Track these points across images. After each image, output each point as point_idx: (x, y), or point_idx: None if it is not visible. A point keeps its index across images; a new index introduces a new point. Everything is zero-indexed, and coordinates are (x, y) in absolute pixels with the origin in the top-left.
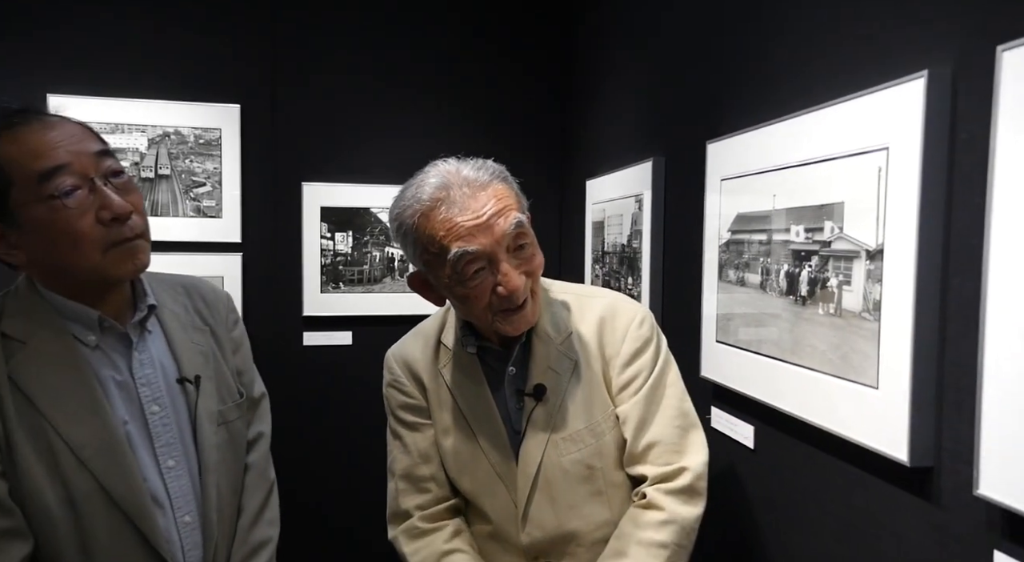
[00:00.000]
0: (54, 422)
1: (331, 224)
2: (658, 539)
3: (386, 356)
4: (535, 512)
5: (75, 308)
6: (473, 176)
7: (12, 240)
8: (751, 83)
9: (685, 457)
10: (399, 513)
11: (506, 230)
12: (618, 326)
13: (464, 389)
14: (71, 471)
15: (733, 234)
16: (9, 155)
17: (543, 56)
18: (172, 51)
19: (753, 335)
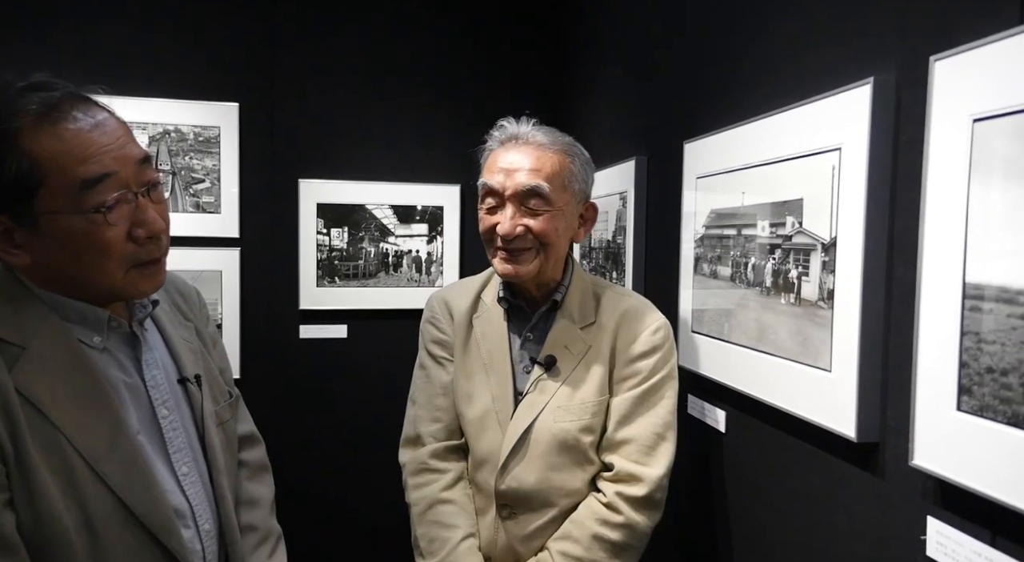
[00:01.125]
0: (69, 434)
1: (327, 220)
2: (612, 538)
3: (430, 296)
4: (514, 465)
5: (80, 308)
6: (534, 137)
7: (19, 240)
8: (724, 87)
9: (653, 463)
10: (413, 437)
11: (521, 184)
12: (635, 327)
13: (490, 339)
14: (89, 488)
15: (708, 229)
16: (47, 152)
17: (533, 59)
18: (172, 50)
19: (725, 325)
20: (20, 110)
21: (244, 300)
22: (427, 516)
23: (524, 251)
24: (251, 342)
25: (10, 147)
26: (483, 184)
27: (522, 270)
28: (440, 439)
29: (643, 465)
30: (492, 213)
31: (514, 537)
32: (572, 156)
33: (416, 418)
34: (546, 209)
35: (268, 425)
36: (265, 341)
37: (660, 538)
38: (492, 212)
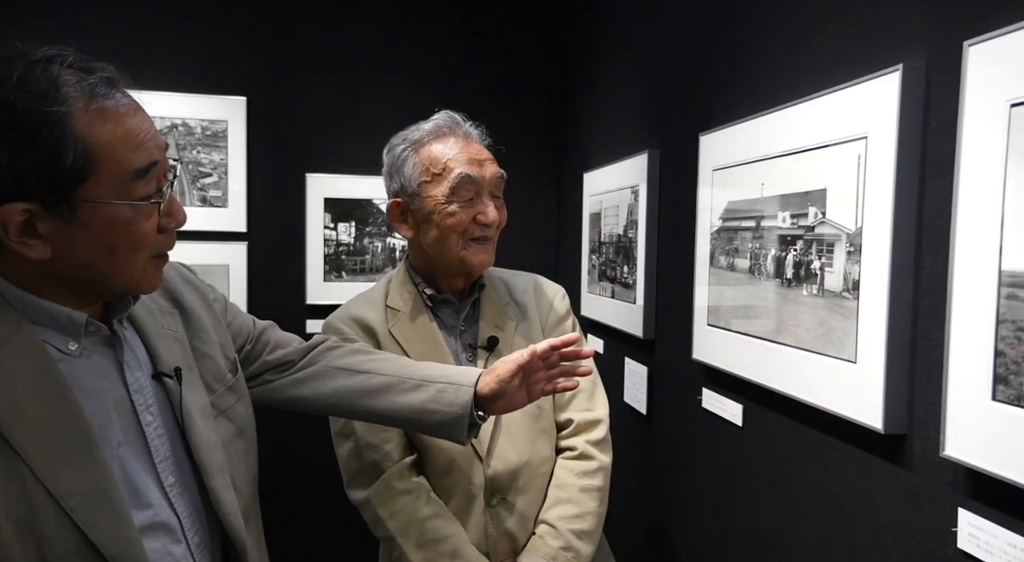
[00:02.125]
0: (33, 464)
1: (334, 215)
2: (595, 484)
3: (329, 321)
4: (498, 448)
5: (54, 311)
6: (474, 132)
7: (43, 230)
8: (741, 77)
9: (599, 405)
10: (364, 468)
11: (494, 174)
12: (546, 295)
13: (415, 344)
14: (50, 525)
15: (724, 222)
16: (101, 138)
17: (540, 52)
18: (181, 44)
19: (742, 318)
20: (68, 91)
21: (251, 295)
22: (418, 539)
23: (490, 240)
24: None
25: (64, 131)
26: (463, 176)
27: (489, 259)
28: (397, 459)
29: (593, 410)
30: (469, 205)
31: (508, 522)
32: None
33: (359, 449)
34: (501, 197)
35: (272, 421)
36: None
37: (676, 533)
38: (468, 204)
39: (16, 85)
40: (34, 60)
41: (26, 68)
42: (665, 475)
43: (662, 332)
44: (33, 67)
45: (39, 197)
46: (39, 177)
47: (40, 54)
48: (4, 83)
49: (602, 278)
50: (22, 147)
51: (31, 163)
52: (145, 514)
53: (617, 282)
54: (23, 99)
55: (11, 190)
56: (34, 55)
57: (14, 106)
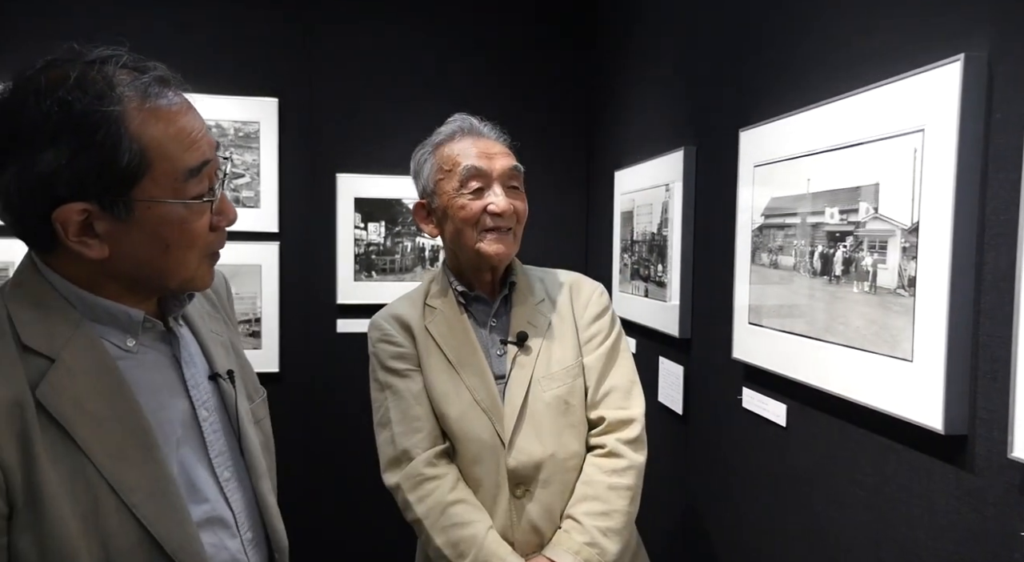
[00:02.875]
0: (96, 459)
1: (364, 214)
2: (624, 483)
3: (373, 320)
4: (521, 440)
5: (113, 309)
6: (488, 131)
7: (101, 230)
8: (785, 71)
9: (634, 404)
10: (398, 456)
11: (506, 166)
12: (583, 293)
13: (449, 339)
14: (114, 521)
15: (766, 219)
16: (155, 137)
17: (569, 51)
18: (214, 46)
19: (787, 316)
20: (123, 91)
21: (283, 294)
22: (442, 522)
23: (508, 230)
24: (289, 336)
25: (120, 131)
26: (470, 167)
27: (506, 250)
28: (426, 447)
29: (627, 409)
30: (478, 196)
31: (533, 515)
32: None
33: (394, 437)
34: (520, 190)
35: (304, 419)
36: (303, 336)
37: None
38: (478, 196)
39: (74, 86)
40: (89, 61)
41: (82, 69)
42: (703, 475)
43: (698, 331)
44: (89, 68)
45: (96, 197)
46: (96, 177)
47: (95, 55)
48: (62, 84)
49: (634, 277)
50: (80, 148)
51: (89, 163)
52: (202, 508)
53: (651, 281)
54: (80, 100)
55: (70, 191)
56: (89, 56)
57: (72, 106)
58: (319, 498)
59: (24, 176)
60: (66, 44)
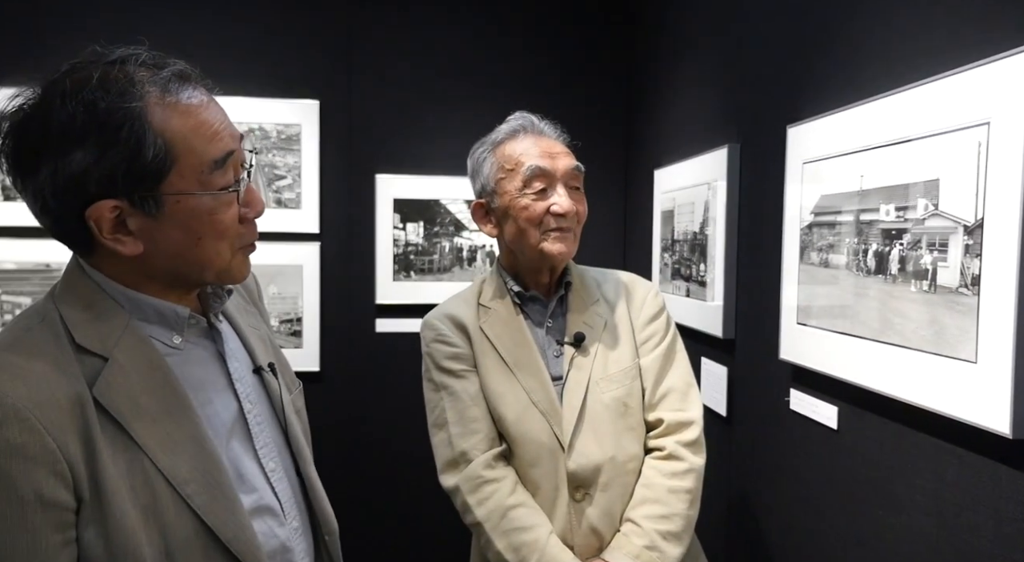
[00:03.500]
0: (151, 453)
1: (403, 215)
2: (684, 486)
3: (426, 319)
4: (580, 443)
5: (159, 307)
6: (549, 129)
7: (134, 226)
8: (836, 65)
9: (692, 406)
10: (455, 457)
11: (568, 166)
12: (638, 294)
13: (505, 340)
14: (171, 513)
15: (816, 216)
16: (178, 131)
17: (608, 47)
18: (257, 49)
19: (838, 316)
20: (144, 88)
21: (323, 294)
22: (502, 526)
23: (569, 231)
24: (329, 336)
25: (143, 127)
26: (534, 167)
27: (568, 250)
28: (484, 449)
29: (686, 411)
30: (541, 197)
31: (593, 518)
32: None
33: (451, 438)
34: (581, 191)
35: (344, 418)
36: (343, 335)
37: (762, 538)
38: (541, 196)
39: (96, 86)
40: (110, 61)
41: (104, 69)
42: (750, 478)
43: (743, 331)
44: (110, 68)
45: (126, 193)
46: (124, 173)
47: (116, 55)
48: (85, 85)
49: (675, 277)
50: (107, 145)
51: (116, 160)
52: (252, 498)
53: (692, 281)
54: (104, 98)
55: (100, 188)
56: (110, 56)
57: (96, 106)
58: (358, 496)
59: (57, 177)
60: (89, 47)
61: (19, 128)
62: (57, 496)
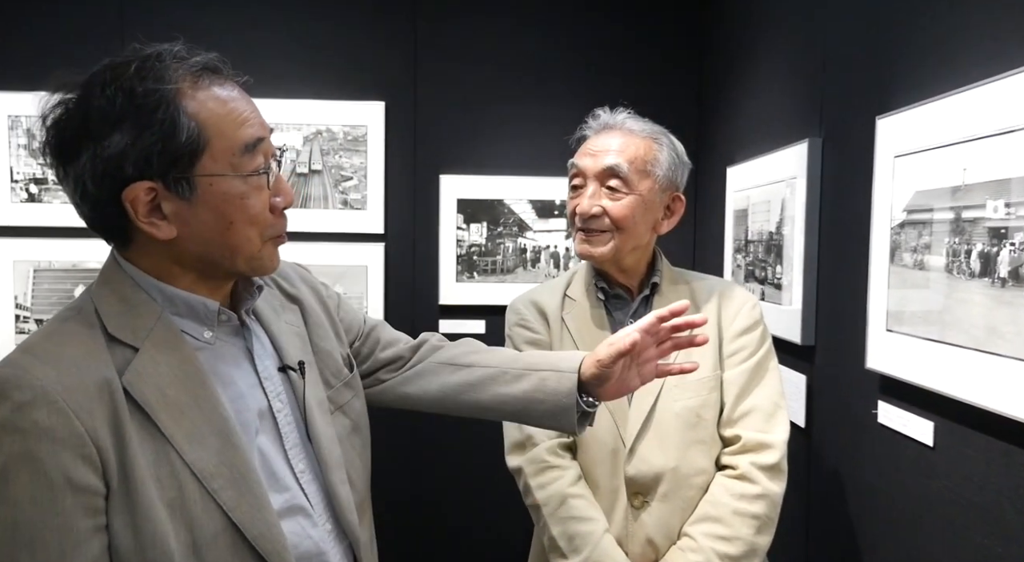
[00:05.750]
0: (178, 445)
1: (466, 215)
2: (752, 510)
3: (512, 302)
4: (642, 448)
5: (191, 300)
6: (625, 124)
7: (168, 210)
8: (931, 48)
9: (777, 429)
10: (522, 440)
11: (601, 164)
12: (733, 303)
13: (583, 333)
14: (197, 507)
15: (909, 214)
16: (210, 114)
17: (677, 43)
18: (324, 53)
19: (935, 322)
20: (178, 75)
21: (387, 295)
22: (560, 513)
23: (600, 233)
24: None
25: (177, 110)
26: (571, 164)
27: (596, 252)
28: (553, 435)
29: (768, 433)
30: (577, 194)
31: (649, 528)
32: (659, 143)
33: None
34: (625, 192)
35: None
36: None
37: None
38: (577, 193)
39: (134, 74)
40: (147, 54)
41: (141, 60)
42: (830, 494)
43: (824, 337)
44: (147, 59)
45: (161, 175)
46: (159, 154)
47: (152, 50)
48: (124, 73)
49: (749, 279)
50: (143, 127)
51: (151, 141)
52: (283, 497)
53: (768, 283)
54: (140, 84)
55: (136, 170)
56: (148, 50)
57: (133, 91)
58: (419, 493)
59: (96, 160)
60: (130, 45)
61: (62, 118)
62: (86, 480)
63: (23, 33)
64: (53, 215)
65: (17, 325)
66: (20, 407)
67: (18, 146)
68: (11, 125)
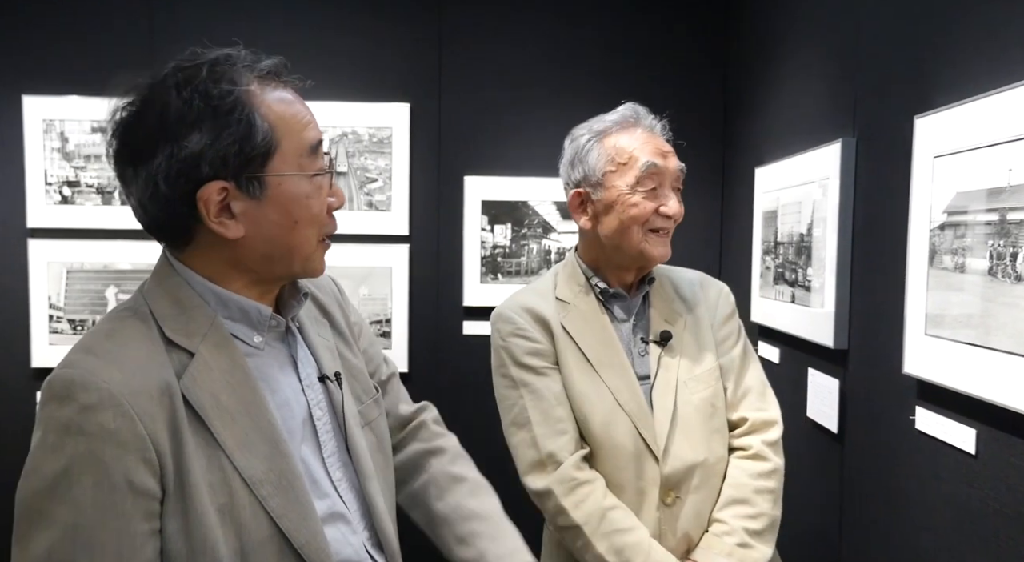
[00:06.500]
0: (231, 453)
1: (491, 217)
2: (769, 486)
3: (499, 311)
4: (675, 445)
5: (245, 305)
6: (657, 124)
7: (237, 209)
8: (972, 47)
9: (771, 406)
10: (542, 459)
11: (677, 167)
12: (711, 292)
13: (587, 337)
14: (247, 512)
15: (950, 216)
16: (280, 115)
17: (704, 36)
18: (349, 56)
19: (978, 327)
20: (249, 78)
21: (412, 296)
22: (602, 528)
23: (667, 233)
24: (418, 337)
25: (252, 112)
26: (651, 164)
27: (667, 253)
28: (573, 451)
29: (767, 410)
30: (652, 196)
31: (681, 522)
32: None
33: (537, 438)
34: (679, 193)
35: None
36: (431, 336)
37: None
38: (652, 195)
39: (207, 77)
40: (215, 57)
41: (211, 63)
42: (864, 503)
43: (858, 341)
44: (216, 62)
45: (234, 176)
46: (236, 154)
47: (217, 54)
48: (196, 76)
49: (778, 281)
50: (221, 128)
51: (229, 142)
52: (325, 503)
53: (798, 285)
54: (215, 86)
55: (213, 169)
56: (212, 54)
57: (210, 93)
58: None
59: (173, 160)
60: (188, 49)
61: (134, 119)
62: (146, 484)
63: (56, 40)
64: (85, 217)
65: (51, 325)
66: (86, 409)
67: (52, 149)
68: (45, 129)
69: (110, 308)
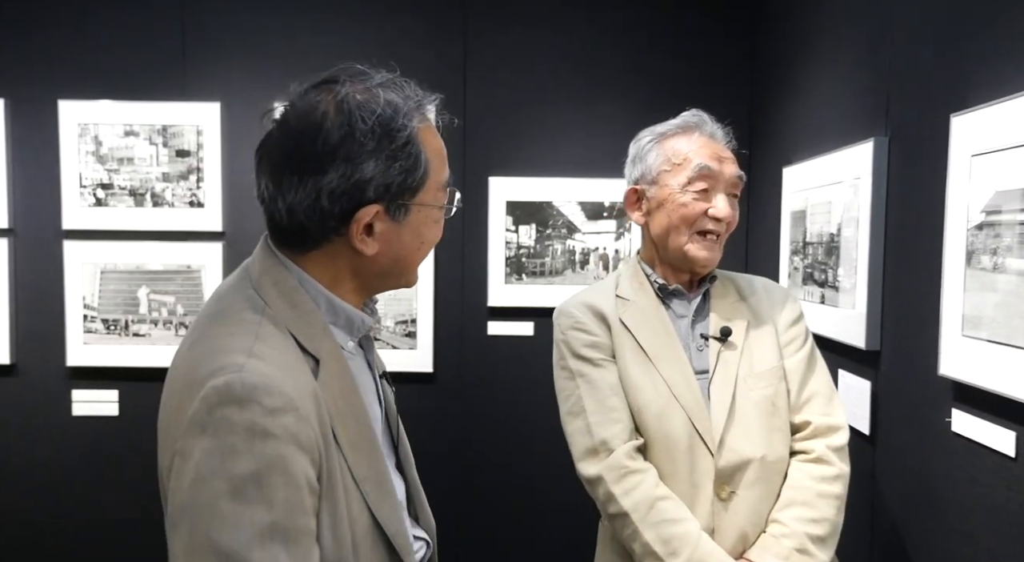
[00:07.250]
0: (345, 452)
1: (515, 217)
2: (834, 491)
3: (561, 307)
4: (731, 439)
5: (352, 313)
6: (721, 133)
7: (378, 230)
8: (1010, 43)
9: (838, 412)
10: (595, 446)
11: (734, 173)
12: (776, 296)
13: (645, 331)
14: (356, 508)
15: (988, 215)
16: (432, 152)
17: (728, 43)
18: (374, 56)
19: (1018, 328)
20: (414, 110)
21: (437, 296)
22: (651, 518)
23: (717, 237)
24: (443, 337)
25: (419, 145)
26: (702, 166)
27: (713, 257)
28: (626, 439)
29: (833, 416)
30: (702, 198)
31: (738, 518)
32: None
33: (591, 426)
34: (737, 200)
35: (455, 417)
36: (455, 337)
37: None
38: (702, 197)
39: (385, 105)
40: (380, 83)
41: (384, 93)
42: (897, 506)
43: (890, 342)
44: (386, 90)
45: (388, 201)
46: (400, 183)
47: (381, 78)
48: (377, 104)
49: (807, 281)
50: (394, 158)
51: (396, 172)
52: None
53: (827, 286)
54: (394, 119)
55: (375, 194)
56: (376, 78)
57: (391, 124)
58: (469, 495)
59: (345, 180)
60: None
61: (316, 132)
62: (314, 483)
63: (89, 46)
64: (118, 219)
65: (85, 324)
66: (271, 412)
67: (86, 153)
68: (80, 132)
69: (142, 308)
